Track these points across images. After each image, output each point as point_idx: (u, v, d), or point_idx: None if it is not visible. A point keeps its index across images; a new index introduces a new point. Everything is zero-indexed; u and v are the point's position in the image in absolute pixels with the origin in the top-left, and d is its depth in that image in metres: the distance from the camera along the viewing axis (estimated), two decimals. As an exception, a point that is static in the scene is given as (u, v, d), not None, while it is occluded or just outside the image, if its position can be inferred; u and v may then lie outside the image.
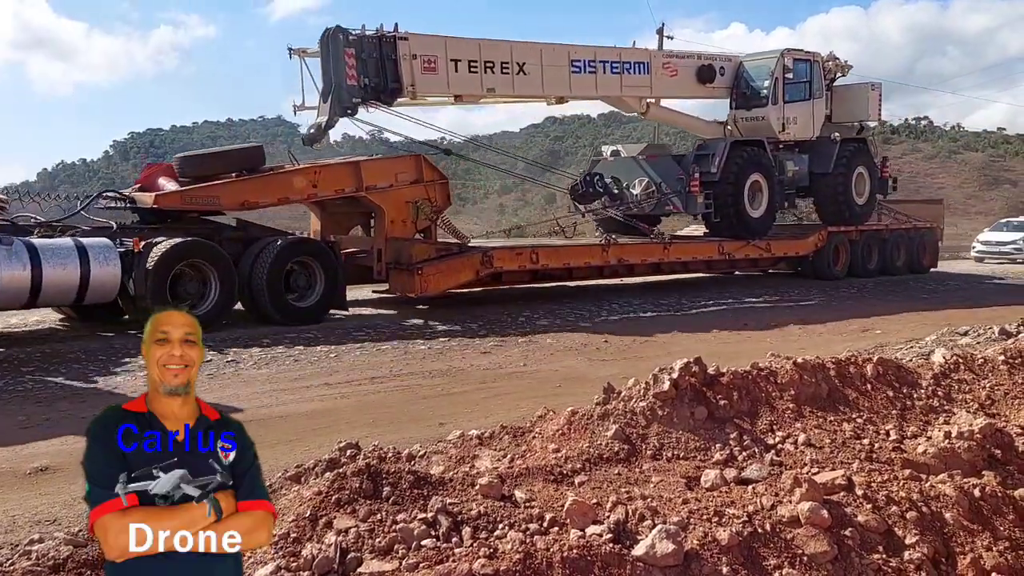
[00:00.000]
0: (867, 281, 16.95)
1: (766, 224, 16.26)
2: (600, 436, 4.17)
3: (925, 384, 5.19)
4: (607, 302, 12.88)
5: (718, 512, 3.55)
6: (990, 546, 3.77)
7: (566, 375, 7.55)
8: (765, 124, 16.61)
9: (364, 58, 11.67)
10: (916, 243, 19.22)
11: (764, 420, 4.55)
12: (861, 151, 18.09)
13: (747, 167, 15.65)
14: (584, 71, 14.22)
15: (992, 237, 28.36)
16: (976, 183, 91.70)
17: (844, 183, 17.26)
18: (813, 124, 17.27)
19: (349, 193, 11.68)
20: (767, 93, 16.51)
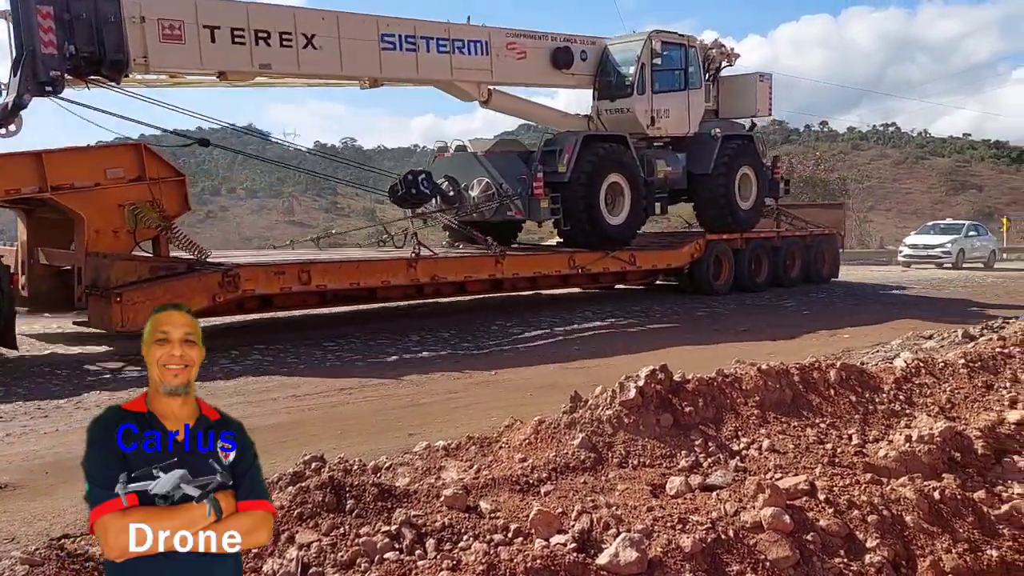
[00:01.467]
0: (745, 297, 15.23)
1: (628, 232, 14.08)
2: (567, 445, 4.19)
3: (887, 388, 5.27)
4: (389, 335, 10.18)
5: (682, 519, 3.57)
6: (949, 548, 3.82)
7: (539, 383, 7.56)
8: (631, 117, 14.59)
9: (69, 19, 9.10)
10: (814, 251, 17.82)
11: (729, 426, 4.59)
12: (745, 149, 16.17)
13: (604, 166, 13.52)
14: (400, 48, 11.89)
15: (919, 241, 27.17)
16: (942, 188, 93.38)
17: (726, 185, 15.38)
18: (689, 118, 15.35)
19: (29, 194, 8.85)
20: (632, 82, 14.42)
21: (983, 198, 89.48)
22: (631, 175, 13.94)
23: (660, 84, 14.84)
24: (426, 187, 12.18)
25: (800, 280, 17.25)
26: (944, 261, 25.97)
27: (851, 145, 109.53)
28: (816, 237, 17.99)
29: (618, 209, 13.83)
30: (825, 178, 38.63)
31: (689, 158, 15.54)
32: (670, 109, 14.98)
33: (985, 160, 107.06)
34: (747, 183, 15.96)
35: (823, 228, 18.42)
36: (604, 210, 13.53)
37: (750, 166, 16.02)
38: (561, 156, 13.18)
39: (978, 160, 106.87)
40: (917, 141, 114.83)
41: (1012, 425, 4.97)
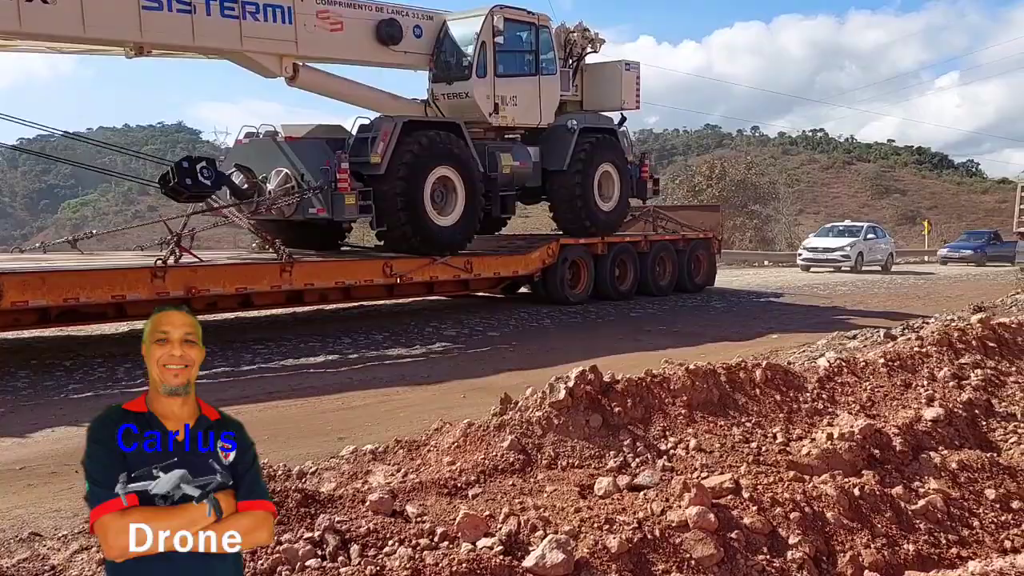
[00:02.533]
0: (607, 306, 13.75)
1: (460, 235, 12.03)
2: (496, 447, 4.17)
3: (811, 387, 5.39)
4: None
5: (609, 520, 3.58)
6: (868, 543, 3.93)
7: (472, 385, 7.52)
8: (470, 103, 12.71)
9: None
10: (687, 257, 16.51)
11: (657, 426, 4.63)
12: (607, 144, 14.60)
13: (429, 158, 11.45)
14: (169, 8, 9.70)
15: (818, 243, 26.38)
16: (868, 192, 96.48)
17: (583, 183, 13.87)
18: (541, 107, 13.64)
19: None
20: (471, 62, 12.57)
21: (906, 202, 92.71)
22: (465, 169, 11.98)
23: (505, 67, 13.05)
24: (207, 177, 9.88)
25: (671, 288, 16.03)
26: (843, 264, 25.40)
27: (782, 150, 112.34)
28: (690, 242, 16.70)
29: (449, 208, 11.87)
30: (756, 182, 39.46)
31: (543, 152, 13.92)
32: (517, 96, 13.21)
33: (908, 166, 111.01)
34: (609, 182, 14.56)
35: (698, 232, 17.19)
36: (430, 209, 11.52)
37: (612, 163, 14.55)
38: (375, 144, 10.98)
39: (901, 166, 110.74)
40: (844, 147, 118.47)
41: (929, 422, 5.13)
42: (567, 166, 13.74)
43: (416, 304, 13.50)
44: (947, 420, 5.17)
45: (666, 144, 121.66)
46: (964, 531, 4.29)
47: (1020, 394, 5.86)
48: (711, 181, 37.97)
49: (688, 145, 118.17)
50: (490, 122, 12.99)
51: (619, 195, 14.73)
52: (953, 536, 4.21)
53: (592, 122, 14.69)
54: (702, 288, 17.03)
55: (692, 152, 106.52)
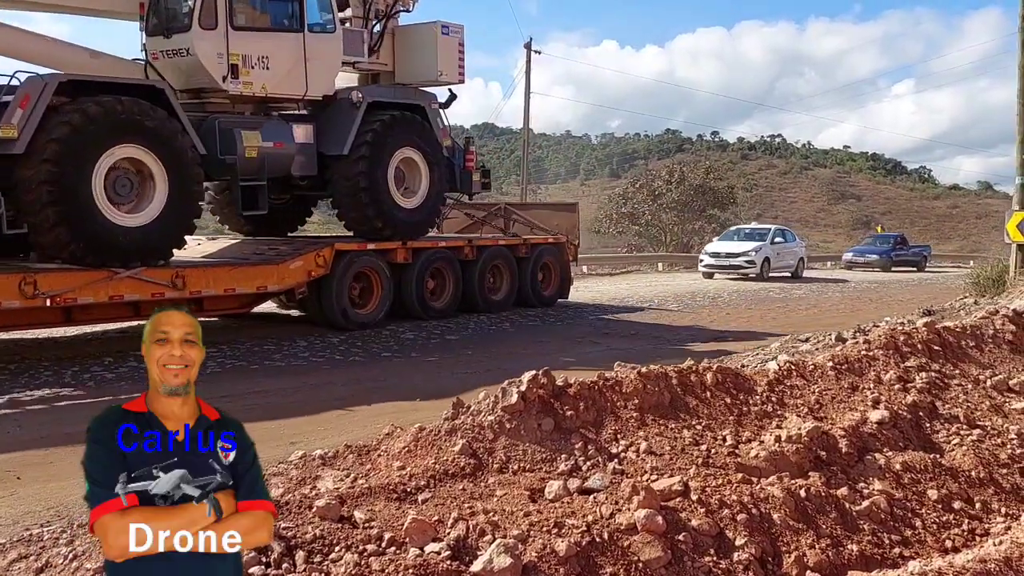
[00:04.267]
0: (396, 330, 11.03)
1: (161, 238, 9.17)
2: (447, 452, 4.16)
3: (760, 390, 5.45)
4: None
5: (558, 523, 3.60)
6: (813, 544, 3.99)
7: (427, 390, 7.50)
8: (194, 63, 9.81)
9: None
10: (532, 265, 14.05)
11: (609, 429, 4.65)
12: (409, 125, 11.74)
13: (102, 133, 8.60)
14: None
15: (721, 248, 24.20)
16: (824, 197, 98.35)
17: (371, 173, 11.05)
18: (309, 74, 10.69)
19: None
20: (191, 8, 9.70)
21: (861, 207, 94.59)
22: (165, 149, 9.05)
23: (247, 18, 10.14)
24: None
25: (510, 302, 13.71)
26: (748, 271, 23.28)
27: (740, 155, 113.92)
28: (535, 247, 14.22)
29: (140, 202, 9.03)
30: (714, 186, 39.95)
31: (319, 133, 11.12)
32: (269, 57, 10.28)
33: (863, 171, 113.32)
34: (412, 172, 11.86)
35: (547, 235, 14.83)
36: (104, 203, 8.62)
37: (417, 149, 11.73)
38: (9, 113, 8.11)
39: (857, 171, 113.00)
40: (801, 152, 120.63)
41: (874, 424, 5.22)
42: (348, 150, 10.96)
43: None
44: (892, 422, 5.27)
45: (628, 148, 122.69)
46: (907, 531, 4.38)
47: (963, 396, 6.00)
48: (670, 185, 38.34)
49: (649, 149, 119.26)
50: (225, 89, 10.05)
51: (428, 189, 11.92)
52: (896, 536, 4.29)
53: (389, 96, 11.91)
54: (553, 302, 14.68)
55: (653, 156, 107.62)
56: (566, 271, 15.25)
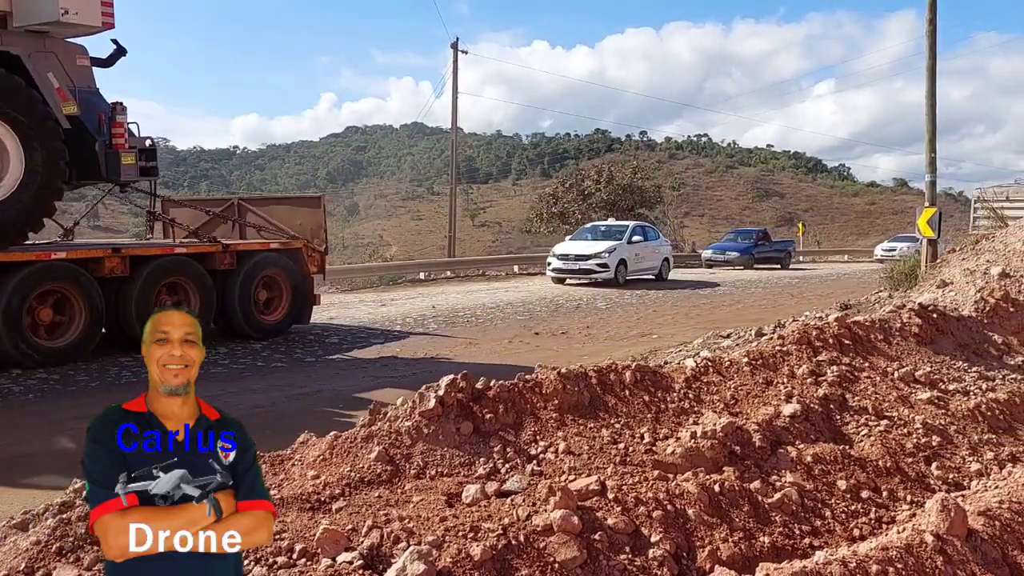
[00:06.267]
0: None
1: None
2: (363, 459, 4.11)
3: (678, 387, 5.55)
4: None
5: (474, 527, 3.59)
6: (727, 537, 4.07)
7: (349, 395, 7.42)
8: None
9: None
10: (244, 280, 10.61)
11: (528, 431, 4.67)
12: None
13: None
14: None
15: (571, 249, 21.07)
16: (750, 195, 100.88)
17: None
18: None
19: None
20: None
21: (785, 204, 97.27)
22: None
23: None
24: None
25: (211, 332, 10.27)
26: (600, 275, 20.25)
27: (668, 154, 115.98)
28: (251, 256, 10.81)
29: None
30: (642, 185, 40.51)
31: None
32: None
33: (786, 169, 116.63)
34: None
35: (273, 239, 11.54)
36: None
37: (4, 118, 8.50)
38: None
39: (780, 170, 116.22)
40: (727, 151, 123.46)
41: (787, 418, 5.36)
42: None
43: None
44: (804, 415, 5.42)
45: (558, 148, 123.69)
46: (817, 522, 4.50)
47: (872, 388, 6.20)
48: (599, 185, 38.73)
49: (580, 149, 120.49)
50: None
51: (23, 175, 8.63)
52: (806, 527, 4.40)
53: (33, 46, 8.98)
54: (282, 330, 11.18)
55: (584, 156, 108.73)
56: (304, 287, 11.56)
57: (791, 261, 34.01)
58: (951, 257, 16.62)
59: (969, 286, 9.35)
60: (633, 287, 20.41)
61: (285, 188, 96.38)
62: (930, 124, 17.16)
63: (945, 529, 3.87)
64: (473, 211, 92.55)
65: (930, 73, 17.12)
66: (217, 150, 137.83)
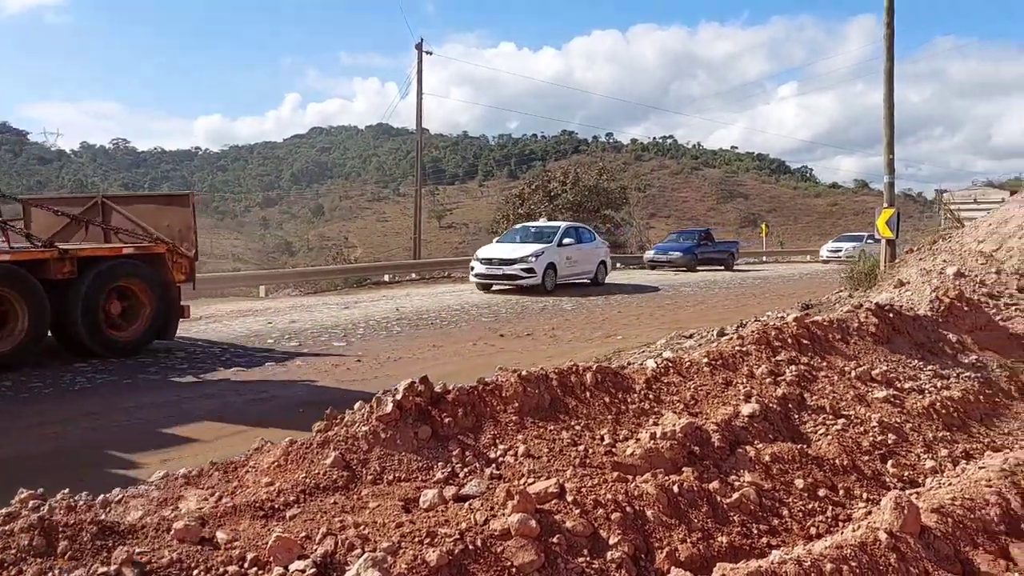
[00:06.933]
0: None
1: None
2: (319, 465, 4.06)
3: (638, 388, 5.56)
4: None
5: (431, 532, 3.55)
6: (685, 538, 4.07)
7: (310, 400, 7.33)
8: None
9: None
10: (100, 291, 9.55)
11: (488, 434, 4.64)
12: None
13: None
14: None
15: (495, 253, 19.74)
16: (714, 196, 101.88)
17: None
18: None
19: None
20: None
21: (749, 205, 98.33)
22: None
23: None
24: None
25: (30, 354, 8.90)
26: (526, 280, 18.70)
27: (634, 156, 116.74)
28: (97, 263, 9.61)
29: None
30: (608, 187, 40.68)
31: None
32: None
33: (750, 171, 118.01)
34: None
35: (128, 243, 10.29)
36: None
37: None
38: None
39: (744, 171, 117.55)
40: (692, 153, 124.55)
41: (746, 418, 5.39)
42: None
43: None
44: (763, 415, 5.46)
45: (525, 149, 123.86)
46: (775, 521, 4.53)
47: (829, 388, 6.26)
48: (565, 187, 38.83)
49: (546, 150, 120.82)
50: None
51: None
52: (764, 526, 4.43)
53: None
54: (140, 347, 9.98)
55: (551, 157, 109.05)
56: (168, 298, 10.33)
57: (735, 262, 33.63)
58: (909, 257, 16.92)
59: (925, 286, 9.50)
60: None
61: (248, 189, 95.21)
62: (888, 127, 17.43)
63: (899, 527, 3.91)
64: (439, 212, 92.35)
65: (888, 76, 17.39)
66: (179, 151, 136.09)
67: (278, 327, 12.73)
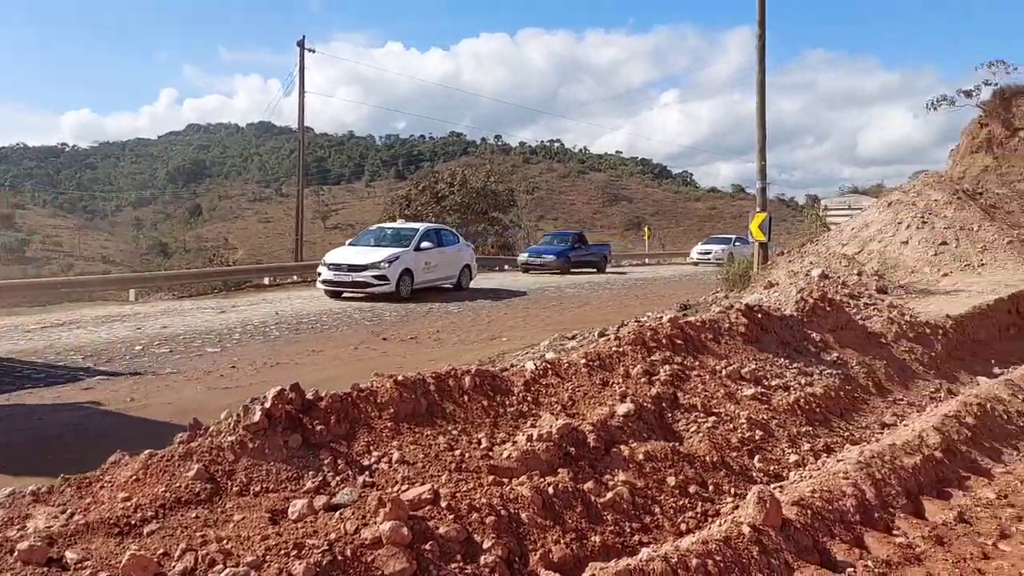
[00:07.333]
0: None
1: None
2: (180, 478, 3.88)
3: (517, 391, 5.58)
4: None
5: (298, 544, 3.45)
6: (559, 539, 4.10)
7: (180, 408, 7.02)
8: None
9: None
10: None
11: (362, 441, 4.55)
12: None
13: None
14: None
15: (344, 258, 18.10)
16: (600, 200, 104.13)
17: None
18: None
19: None
20: None
21: (633, 209, 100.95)
22: None
23: None
24: None
25: None
26: (379, 288, 17.41)
27: (523, 158, 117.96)
28: None
29: None
30: (496, 189, 40.90)
31: None
32: None
33: (634, 175, 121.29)
34: None
35: None
36: None
37: None
38: None
39: (628, 175, 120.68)
40: (579, 157, 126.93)
41: (621, 417, 5.49)
42: None
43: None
44: (637, 414, 5.57)
45: (413, 150, 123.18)
46: (647, 518, 4.63)
47: (701, 386, 6.46)
48: (453, 188, 38.80)
49: (435, 151, 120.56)
50: None
51: None
52: (637, 524, 4.52)
53: None
54: None
55: (439, 158, 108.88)
56: None
57: (607, 265, 33.50)
58: (780, 260, 17.74)
59: (792, 287, 9.96)
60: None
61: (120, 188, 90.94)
62: (760, 134, 18.21)
63: (761, 520, 4.06)
64: (324, 213, 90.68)
65: (760, 86, 18.17)
66: (43, 147, 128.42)
67: (147, 333, 12.15)
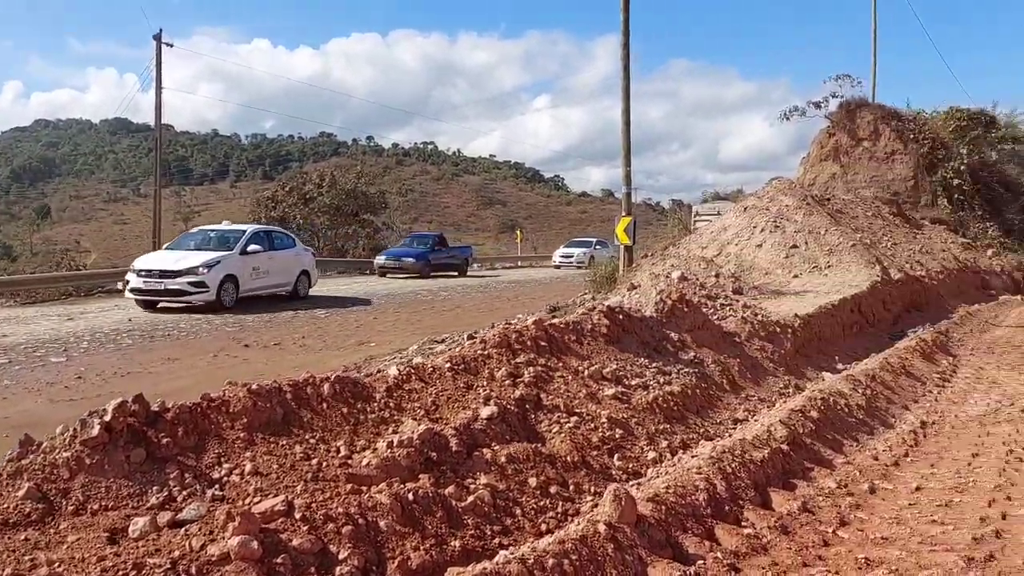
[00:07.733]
0: None
1: None
2: (8, 498, 3.60)
3: (379, 397, 5.50)
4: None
5: (138, 564, 3.27)
6: (418, 546, 4.06)
7: (16, 423, 6.54)
8: None
9: None
10: None
11: (212, 454, 4.37)
12: None
13: None
14: None
15: (156, 263, 16.19)
16: (474, 203, 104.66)
17: None
18: None
19: None
20: None
21: (507, 212, 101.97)
22: None
23: None
24: None
25: None
26: (196, 296, 15.69)
27: (396, 160, 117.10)
28: None
29: None
30: (367, 191, 40.34)
31: None
32: None
33: (508, 179, 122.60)
34: None
35: None
36: None
37: None
38: None
39: (502, 179, 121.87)
40: (452, 159, 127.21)
41: (484, 420, 5.51)
42: None
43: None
44: (501, 417, 5.60)
45: (281, 150, 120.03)
46: (508, 520, 4.65)
47: (564, 387, 6.57)
48: (322, 189, 38.00)
49: (304, 152, 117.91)
50: None
51: None
52: (498, 527, 4.53)
53: None
54: None
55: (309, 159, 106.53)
56: None
57: (468, 268, 32.82)
58: (644, 262, 18.31)
59: (653, 289, 10.28)
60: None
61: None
62: (625, 140, 18.72)
63: (617, 518, 4.15)
64: (186, 214, 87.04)
65: (625, 93, 18.68)
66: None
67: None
